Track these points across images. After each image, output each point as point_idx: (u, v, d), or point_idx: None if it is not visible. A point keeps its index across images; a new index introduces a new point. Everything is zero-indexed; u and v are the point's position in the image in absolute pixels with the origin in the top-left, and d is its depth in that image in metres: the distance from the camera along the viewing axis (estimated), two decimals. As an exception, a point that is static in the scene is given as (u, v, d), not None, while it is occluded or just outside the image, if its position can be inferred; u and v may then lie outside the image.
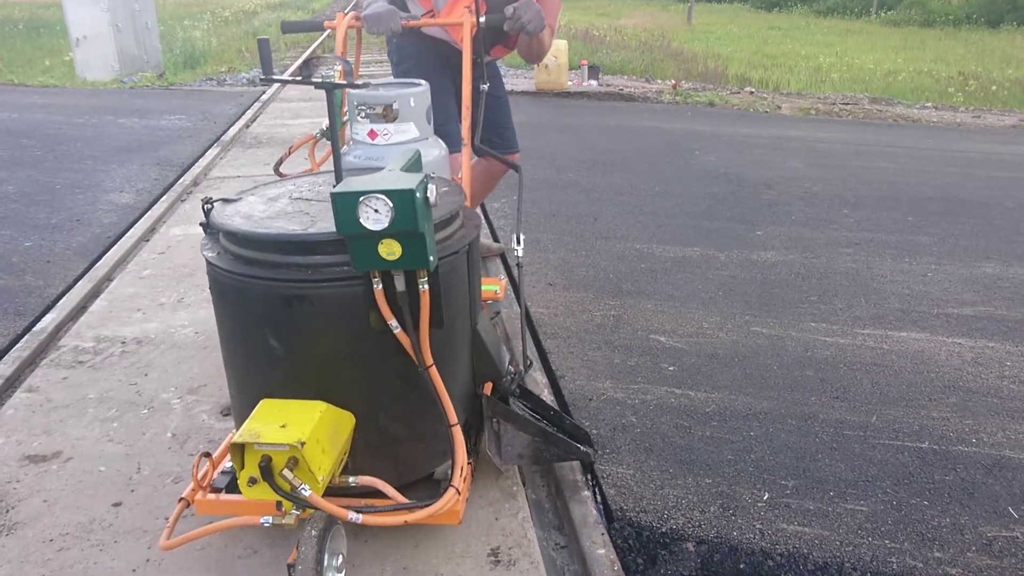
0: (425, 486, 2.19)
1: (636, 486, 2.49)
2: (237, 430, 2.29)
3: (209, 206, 2.12)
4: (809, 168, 6.68)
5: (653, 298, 3.92)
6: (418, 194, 1.68)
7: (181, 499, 2.10)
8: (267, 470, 1.79)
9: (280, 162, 2.88)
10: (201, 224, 2.17)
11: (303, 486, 1.79)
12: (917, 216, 5.37)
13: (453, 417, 2.03)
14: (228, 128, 7.89)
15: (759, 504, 2.40)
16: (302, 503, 1.82)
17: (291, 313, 1.88)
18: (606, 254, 4.54)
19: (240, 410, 2.20)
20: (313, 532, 1.87)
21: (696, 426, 2.81)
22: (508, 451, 2.36)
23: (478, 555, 2.18)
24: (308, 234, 1.87)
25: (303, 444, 1.77)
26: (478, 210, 5.23)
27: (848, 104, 10.52)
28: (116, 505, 2.40)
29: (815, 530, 2.30)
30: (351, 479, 2.04)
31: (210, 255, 2.02)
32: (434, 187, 1.79)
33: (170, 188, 5.79)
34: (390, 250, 1.72)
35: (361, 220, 1.67)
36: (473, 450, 2.34)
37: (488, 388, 2.39)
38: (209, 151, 6.91)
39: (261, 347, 1.95)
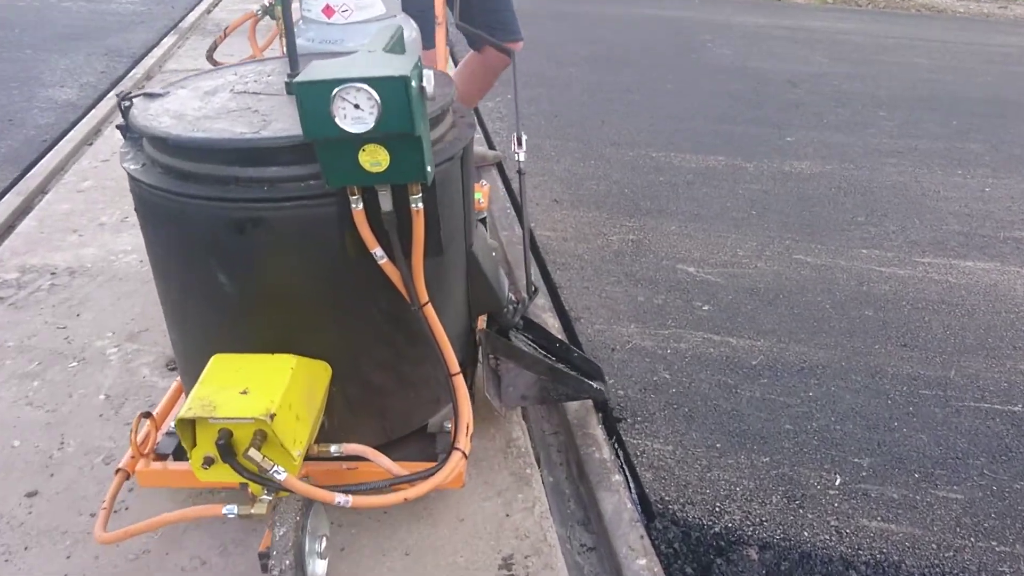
0: (415, 440, 1.84)
1: (678, 468, 2.02)
2: (185, 390, 1.87)
3: (128, 103, 1.69)
4: (835, 63, 6.02)
5: (676, 218, 3.39)
6: (413, 83, 1.28)
7: (119, 470, 1.71)
8: (227, 448, 1.41)
9: (214, 47, 2.28)
10: (119, 127, 1.71)
11: (276, 468, 1.42)
12: (962, 119, 4.80)
13: (455, 365, 1.66)
14: (187, 13, 7.03)
15: (831, 491, 1.95)
16: (276, 487, 1.47)
17: (244, 241, 1.51)
18: (618, 164, 3.96)
19: (186, 364, 1.79)
20: (289, 515, 1.50)
21: (743, 384, 2.33)
22: (510, 393, 1.98)
23: (487, 566, 1.72)
24: (262, 138, 1.46)
25: (273, 416, 1.40)
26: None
27: (866, -9, 9.69)
28: (30, 495, 1.91)
29: (904, 527, 1.85)
30: (333, 448, 1.65)
31: (132, 167, 1.61)
32: (431, 74, 1.34)
33: (119, 82, 5.09)
34: (375, 159, 1.36)
35: (337, 120, 1.29)
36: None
37: (482, 321, 2.00)
38: (165, 39, 6.12)
39: (207, 285, 1.59)
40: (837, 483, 1.98)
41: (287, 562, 1.46)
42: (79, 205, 3.42)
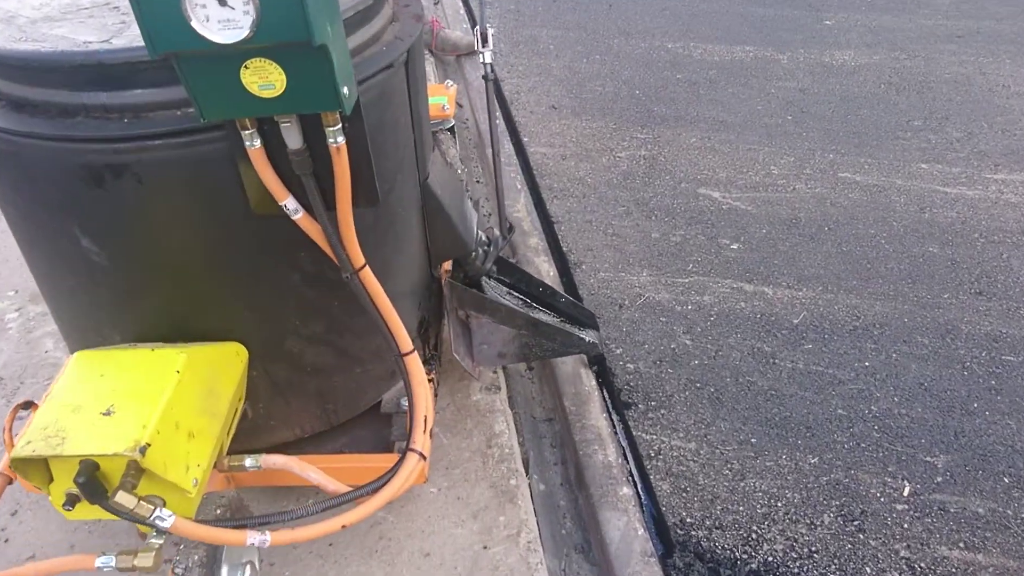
0: (367, 422, 1.52)
1: (703, 474, 1.60)
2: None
3: None
4: (878, -72, 5.24)
5: (697, 126, 2.85)
6: None
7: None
8: (93, 486, 1.05)
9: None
10: None
11: (158, 513, 1.07)
12: (1029, -6, 4.12)
13: (406, 342, 1.30)
14: None
15: (898, 506, 1.53)
16: (162, 532, 1.10)
17: (104, 195, 1.13)
18: (627, 59, 3.38)
19: (72, 346, 1.44)
20: (194, 552, 1.23)
21: (782, 352, 1.89)
22: (483, 351, 1.67)
23: (456, 624, 1.34)
24: (114, 49, 1.06)
25: (145, 448, 1.05)
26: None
27: None
28: None
29: (994, 558, 1.44)
30: (248, 461, 1.29)
31: None
32: None
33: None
34: (264, 79, 0.97)
35: (195, 24, 0.90)
36: (434, 356, 1.62)
37: (446, 267, 1.65)
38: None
39: (71, 253, 1.21)
40: (906, 492, 1.56)
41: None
42: None
